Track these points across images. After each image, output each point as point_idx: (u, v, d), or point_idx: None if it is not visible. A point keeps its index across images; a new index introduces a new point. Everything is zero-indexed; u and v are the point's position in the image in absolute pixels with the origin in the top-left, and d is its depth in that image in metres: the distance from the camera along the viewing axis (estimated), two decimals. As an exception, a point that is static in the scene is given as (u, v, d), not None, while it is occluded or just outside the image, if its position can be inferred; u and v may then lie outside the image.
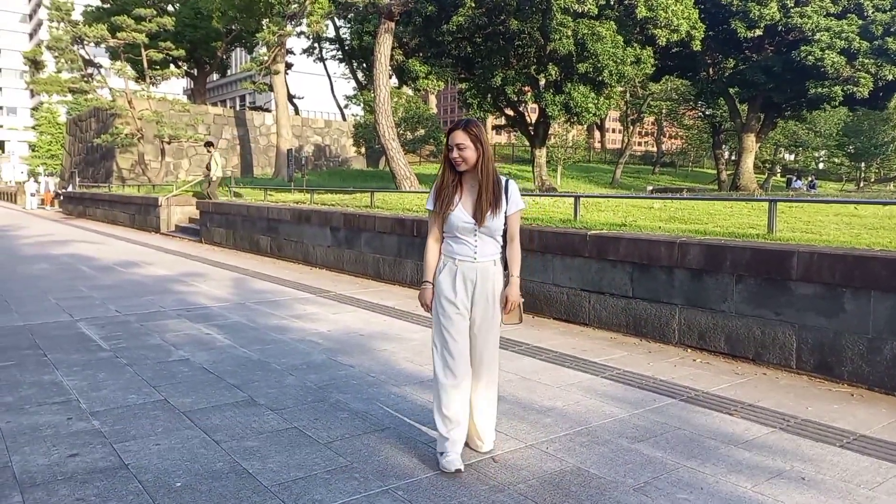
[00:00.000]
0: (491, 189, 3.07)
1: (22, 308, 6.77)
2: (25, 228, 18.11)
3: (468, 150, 3.03)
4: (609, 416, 3.72)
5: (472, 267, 3.12)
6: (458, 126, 3.09)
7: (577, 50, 20.50)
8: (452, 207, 3.09)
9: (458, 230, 3.09)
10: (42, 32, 65.18)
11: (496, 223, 3.09)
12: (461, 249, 3.12)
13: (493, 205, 3.07)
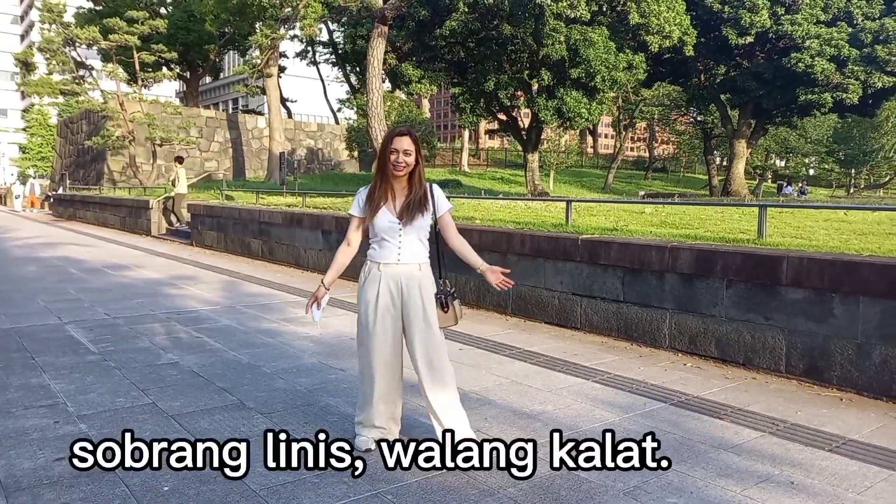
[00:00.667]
0: (421, 192, 3.15)
1: (10, 310, 6.71)
2: (15, 230, 17.98)
3: (412, 157, 3.10)
4: (600, 421, 3.72)
5: (396, 270, 3.12)
6: (404, 132, 3.12)
7: (569, 55, 20.59)
8: (378, 211, 3.12)
9: (383, 231, 3.11)
10: (33, 34, 64.87)
11: (422, 223, 3.12)
12: (385, 253, 3.12)
13: (420, 205, 3.12)
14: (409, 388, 4.30)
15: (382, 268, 3.13)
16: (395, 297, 3.13)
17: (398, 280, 3.12)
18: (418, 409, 3.83)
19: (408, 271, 3.13)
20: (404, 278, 3.12)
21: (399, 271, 3.13)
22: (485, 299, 7.16)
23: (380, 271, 3.14)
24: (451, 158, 46.48)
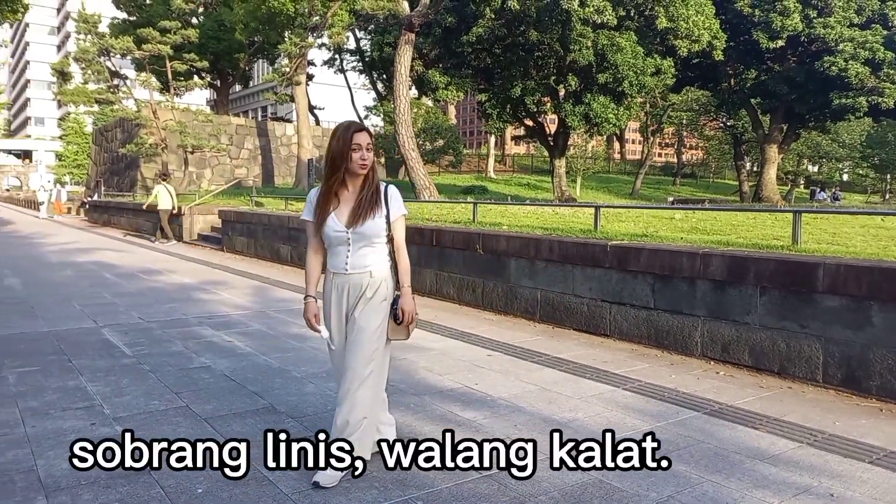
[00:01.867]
0: (371, 192, 2.91)
1: (47, 314, 6.87)
2: (52, 236, 18.43)
3: (372, 153, 2.90)
4: (631, 429, 3.68)
5: (344, 280, 2.93)
6: (363, 127, 2.91)
7: (596, 60, 20.49)
8: (326, 217, 2.91)
9: (331, 239, 2.91)
10: (70, 44, 66.61)
11: (371, 228, 2.87)
12: (336, 261, 2.95)
13: (369, 208, 2.88)
14: (406, 391, 4.31)
15: (334, 277, 2.97)
16: (343, 307, 2.96)
17: (346, 289, 2.94)
18: (410, 406, 3.81)
19: (357, 280, 2.93)
20: (352, 288, 2.93)
21: (348, 280, 2.93)
22: (513, 305, 7.13)
23: (332, 280, 2.98)
24: (476, 165, 46.52)
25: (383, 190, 2.96)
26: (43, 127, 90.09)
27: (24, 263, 11.51)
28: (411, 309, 2.96)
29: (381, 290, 2.94)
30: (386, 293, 2.96)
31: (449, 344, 5.76)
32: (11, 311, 7.00)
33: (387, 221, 2.93)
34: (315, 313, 3.00)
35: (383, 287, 2.95)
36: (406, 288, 2.97)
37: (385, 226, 2.92)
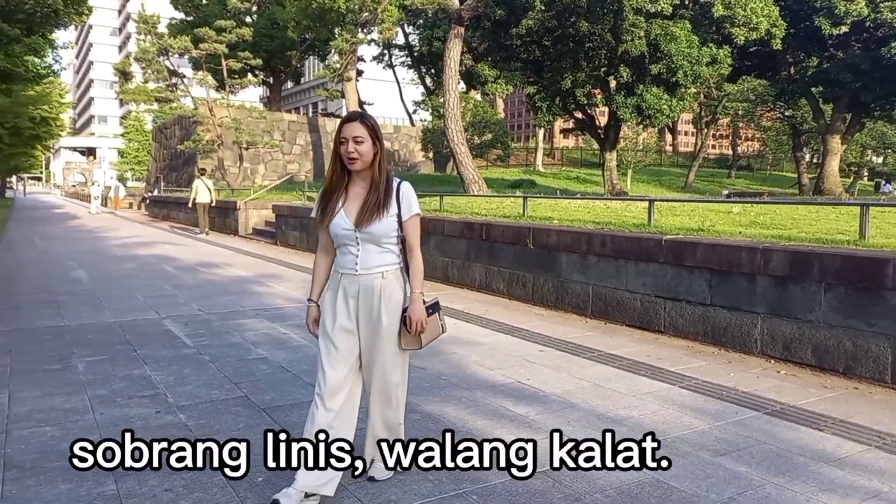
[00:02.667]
0: (381, 190, 2.69)
1: (113, 305, 7.17)
2: (115, 230, 19.19)
3: (365, 145, 2.63)
4: (688, 428, 3.60)
5: (354, 280, 2.71)
6: (353, 118, 2.67)
7: (649, 51, 20.03)
8: (334, 214, 2.70)
9: (340, 238, 2.71)
10: (130, 45, 69.02)
11: (381, 228, 2.67)
12: (344, 261, 2.73)
13: (379, 207, 2.67)
14: (458, 385, 4.31)
15: (342, 277, 2.74)
16: (352, 311, 2.73)
17: (356, 292, 2.72)
18: (462, 401, 3.81)
19: (368, 282, 2.71)
20: (363, 290, 2.71)
21: (358, 282, 2.71)
22: (564, 300, 7.07)
23: (339, 280, 2.75)
24: (524, 158, 46.15)
25: (395, 187, 2.74)
26: (106, 125, 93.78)
27: (90, 257, 12.02)
28: (419, 318, 2.71)
29: (395, 295, 2.75)
30: (398, 298, 2.76)
31: (499, 339, 5.75)
32: (80, 302, 7.33)
33: (398, 221, 2.72)
34: (316, 318, 2.82)
35: (398, 291, 2.76)
36: (416, 293, 2.74)
37: (396, 226, 2.71)
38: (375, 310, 2.71)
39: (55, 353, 5.10)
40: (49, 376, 4.49)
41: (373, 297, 2.71)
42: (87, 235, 17.28)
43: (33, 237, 16.45)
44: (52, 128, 27.23)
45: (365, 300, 2.72)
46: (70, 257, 11.86)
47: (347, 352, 2.73)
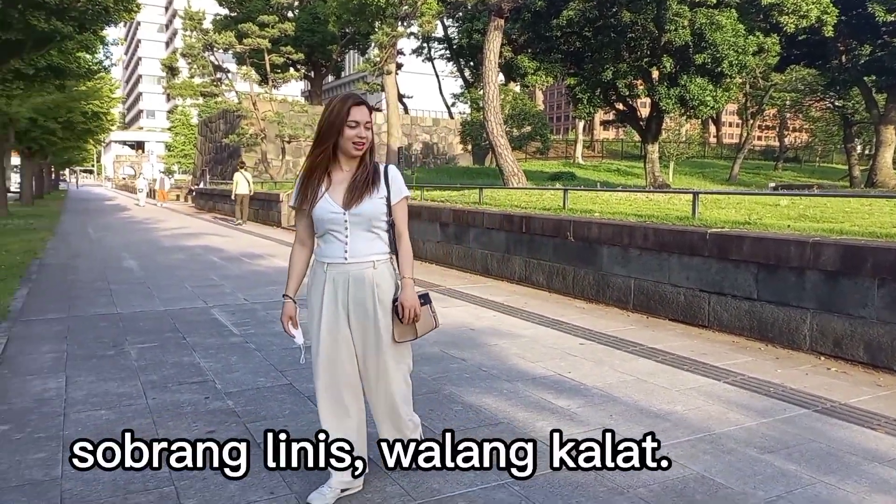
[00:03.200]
0: (368, 171, 2.56)
1: (162, 294, 7.39)
2: (163, 222, 19.73)
3: (370, 132, 2.53)
4: (734, 424, 3.54)
5: (343, 271, 2.54)
6: (361, 101, 2.52)
7: (694, 40, 19.61)
8: (317, 199, 2.54)
9: (326, 223, 2.53)
10: (177, 41, 70.58)
11: (371, 209, 2.52)
12: (331, 250, 2.56)
13: (368, 185, 2.53)
14: (499, 377, 4.31)
15: (328, 268, 2.56)
16: (343, 304, 2.56)
17: (346, 283, 2.55)
18: (504, 392, 3.81)
19: (358, 272, 2.55)
20: (354, 281, 2.54)
21: (347, 271, 2.54)
22: (605, 294, 7.01)
23: (325, 272, 2.57)
24: (564, 151, 45.73)
25: (382, 170, 2.62)
26: (154, 119, 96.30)
27: (140, 247, 12.40)
28: (412, 304, 2.56)
29: (387, 286, 2.60)
30: (390, 288, 2.61)
31: (539, 331, 5.74)
32: (132, 291, 7.58)
33: (387, 204, 2.57)
34: (291, 315, 2.63)
35: (389, 282, 2.61)
36: (407, 279, 2.58)
37: (385, 208, 2.56)
38: (369, 302, 2.55)
39: (109, 340, 5.29)
40: (104, 362, 4.67)
41: (364, 289, 2.55)
42: (136, 226, 17.82)
43: (86, 228, 17.04)
44: (103, 122, 28.08)
45: (356, 292, 2.55)
46: (121, 247, 12.25)
47: (345, 348, 2.59)
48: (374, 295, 2.56)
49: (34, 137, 24.13)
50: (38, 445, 3.20)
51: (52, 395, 3.94)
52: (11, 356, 4.76)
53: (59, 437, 3.30)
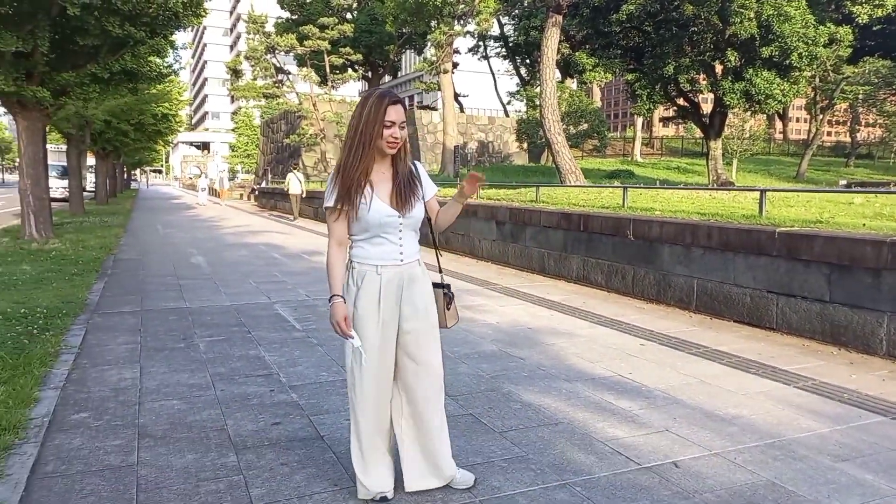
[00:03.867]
0: (409, 172, 2.55)
1: (228, 289, 7.64)
2: (227, 219, 20.38)
3: (406, 130, 2.48)
4: (805, 430, 3.41)
5: (398, 272, 2.51)
6: (398, 100, 2.46)
7: (760, 32, 18.91)
8: (366, 200, 2.45)
9: (376, 227, 2.47)
10: (240, 44, 72.66)
11: (419, 212, 2.55)
12: (384, 252, 2.49)
13: (413, 190, 2.52)
14: (558, 376, 4.26)
15: (382, 271, 2.49)
16: (395, 306, 2.53)
17: (400, 284, 2.53)
18: (563, 392, 3.76)
19: (411, 271, 2.56)
20: (408, 280, 2.54)
21: (401, 272, 2.53)
22: (665, 294, 6.85)
23: (379, 275, 2.49)
24: (622, 148, 44.88)
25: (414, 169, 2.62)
26: (218, 121, 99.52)
27: (206, 244, 12.85)
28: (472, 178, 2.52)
29: (429, 283, 2.64)
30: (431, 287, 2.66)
31: (598, 331, 5.67)
32: (200, 286, 7.87)
33: (423, 202, 2.61)
34: (346, 316, 2.47)
35: (428, 279, 2.65)
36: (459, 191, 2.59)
37: (423, 208, 2.60)
38: (419, 300, 2.56)
39: (179, 333, 5.51)
40: (175, 354, 4.87)
41: (415, 288, 2.56)
42: (202, 224, 18.47)
43: (156, 225, 17.78)
44: (171, 124, 29.19)
45: (409, 292, 2.55)
46: (189, 244, 12.73)
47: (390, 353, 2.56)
48: (423, 291, 2.59)
49: (108, 139, 25.31)
50: (115, 433, 3.36)
51: (128, 384, 4.14)
52: (89, 347, 5.02)
53: (135, 426, 3.46)
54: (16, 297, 6.59)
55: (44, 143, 12.05)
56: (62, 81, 11.39)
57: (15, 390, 3.79)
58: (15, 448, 3.09)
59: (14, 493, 2.66)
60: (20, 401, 3.64)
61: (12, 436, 3.20)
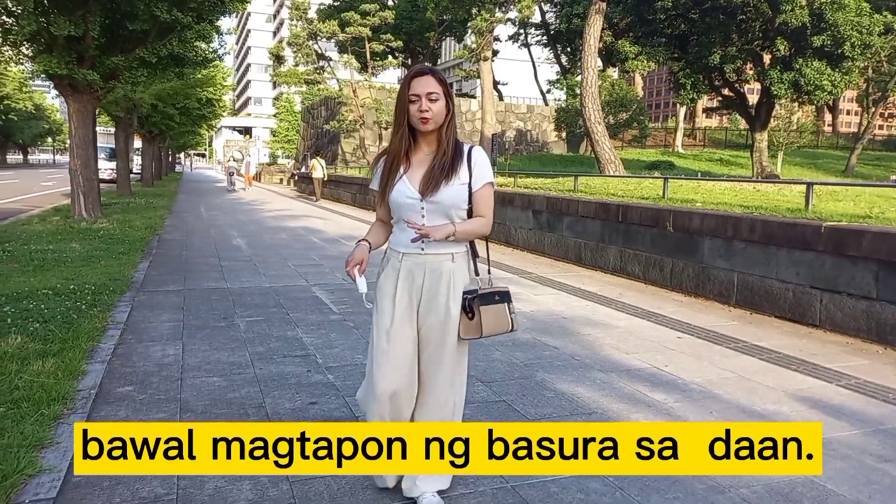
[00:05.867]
0: (449, 152, 2.30)
1: (268, 271, 7.79)
2: (267, 204, 20.73)
3: (439, 103, 2.24)
4: (848, 429, 3.34)
5: (419, 262, 2.34)
6: (424, 71, 2.26)
7: (812, 21, 18.33)
8: (395, 180, 2.32)
9: (401, 209, 2.32)
10: (283, 30, 73.32)
11: (451, 197, 2.28)
12: (406, 238, 2.32)
13: (447, 171, 2.27)
14: (592, 366, 4.22)
15: (404, 258, 2.36)
16: (415, 296, 2.36)
17: (422, 274, 2.34)
18: (597, 382, 3.73)
19: (436, 265, 2.33)
20: (430, 274, 2.34)
21: (423, 263, 2.34)
22: (704, 287, 6.74)
23: (400, 262, 2.37)
24: (662, 139, 44.07)
25: (466, 151, 2.35)
26: (261, 106, 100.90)
27: (247, 227, 13.10)
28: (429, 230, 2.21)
29: (462, 281, 2.38)
30: (467, 282, 2.40)
31: (634, 323, 5.61)
32: (241, 268, 8.03)
33: (469, 190, 2.31)
34: (363, 259, 2.37)
35: (465, 276, 2.40)
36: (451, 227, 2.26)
37: (466, 195, 2.31)
38: (442, 298, 2.34)
39: (221, 312, 5.65)
40: (216, 332, 4.99)
41: (440, 284, 2.34)
42: (243, 207, 18.82)
43: (199, 207, 18.18)
44: (215, 108, 29.73)
45: (431, 286, 2.34)
46: (231, 226, 13.00)
47: (409, 332, 2.37)
48: (449, 289, 2.34)
49: (155, 122, 25.91)
50: (158, 406, 3.47)
51: (171, 360, 4.27)
52: (135, 323, 5.18)
53: (177, 400, 3.56)
54: (66, 274, 6.83)
55: (93, 126, 12.40)
56: (112, 65, 11.69)
57: (64, 363, 3.94)
58: (63, 418, 3.21)
59: (63, 460, 2.78)
60: (69, 373, 3.78)
61: (61, 406, 3.33)
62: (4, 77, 53.12)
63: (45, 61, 10.77)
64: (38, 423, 3.07)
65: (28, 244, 8.81)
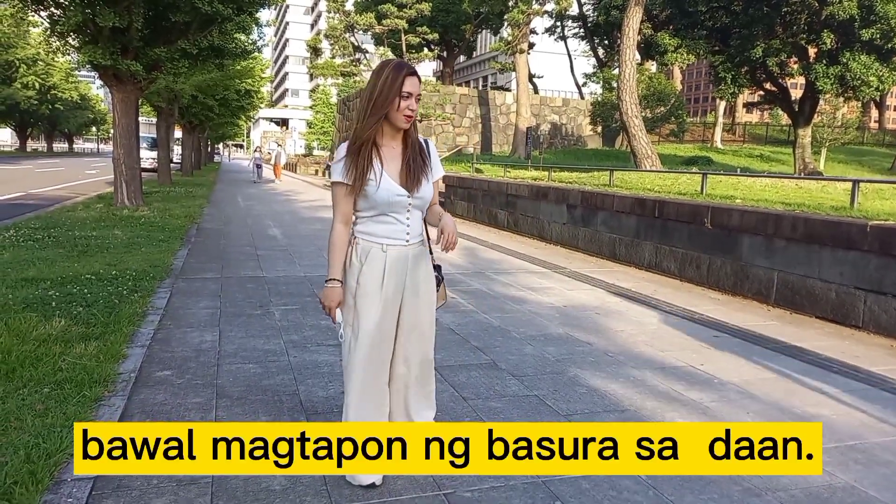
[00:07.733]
0: (419, 149, 2.45)
1: (303, 261, 7.88)
2: (301, 194, 20.96)
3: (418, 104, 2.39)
4: (890, 435, 3.24)
5: (404, 253, 2.44)
6: (414, 71, 2.37)
7: (860, 13, 17.73)
8: (375, 177, 2.35)
9: (388, 206, 2.38)
10: (321, 23, 73.81)
11: (429, 192, 2.45)
12: (390, 231, 2.41)
13: (421, 168, 2.42)
14: (626, 363, 4.16)
15: (389, 249, 2.42)
16: (399, 285, 2.46)
17: (406, 264, 2.46)
18: (631, 379, 3.68)
19: (416, 251, 2.50)
20: (412, 261, 2.48)
21: (408, 254, 2.46)
22: (743, 285, 6.60)
23: (384, 253, 2.42)
24: (701, 134, 43.18)
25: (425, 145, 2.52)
26: (297, 98, 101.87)
27: (283, 216, 13.28)
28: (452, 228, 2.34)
29: (430, 263, 2.59)
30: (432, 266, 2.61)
31: (670, 320, 5.53)
32: (276, 257, 8.14)
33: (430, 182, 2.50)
34: (339, 301, 2.43)
35: (429, 259, 2.60)
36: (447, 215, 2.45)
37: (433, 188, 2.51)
38: (421, 278, 2.51)
39: (256, 300, 5.73)
40: (252, 320, 5.07)
41: (419, 268, 2.50)
42: (279, 197, 19.07)
43: (236, 197, 18.48)
44: (254, 100, 30.13)
45: (413, 272, 2.49)
46: (266, 216, 13.18)
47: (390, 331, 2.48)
48: (426, 271, 2.54)
49: (195, 113, 26.38)
50: (195, 391, 3.54)
51: (208, 346, 4.35)
52: (174, 309, 5.29)
53: (214, 385, 3.63)
54: (108, 260, 7.01)
55: (136, 116, 12.68)
56: (154, 56, 11.93)
57: (106, 346, 4.04)
58: (104, 399, 3.30)
59: (105, 440, 2.85)
60: (110, 356, 3.89)
61: (102, 388, 3.42)
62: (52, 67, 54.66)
63: (90, 52, 11.04)
64: (80, 405, 3.16)
65: (72, 230, 9.07)
